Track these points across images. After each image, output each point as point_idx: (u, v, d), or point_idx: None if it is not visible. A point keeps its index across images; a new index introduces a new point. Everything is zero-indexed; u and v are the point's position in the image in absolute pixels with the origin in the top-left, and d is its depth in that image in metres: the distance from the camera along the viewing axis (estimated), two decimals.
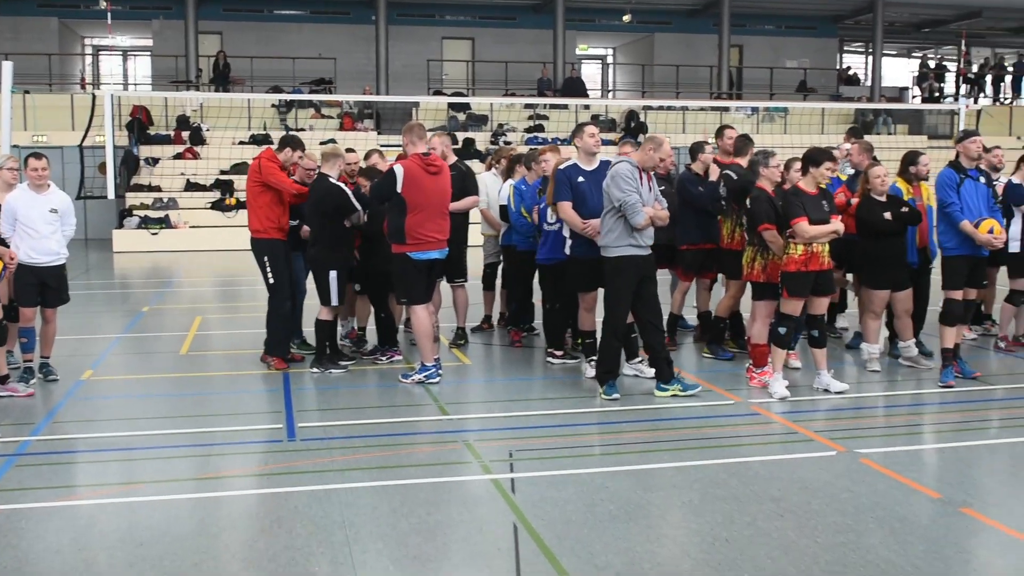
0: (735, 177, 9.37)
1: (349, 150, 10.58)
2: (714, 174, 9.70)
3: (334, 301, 9.06)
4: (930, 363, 9.26)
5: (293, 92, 28.40)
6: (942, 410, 8.10)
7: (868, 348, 9.28)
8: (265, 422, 7.68)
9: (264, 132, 26.59)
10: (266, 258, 9.24)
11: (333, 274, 8.99)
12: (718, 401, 8.19)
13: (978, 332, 10.93)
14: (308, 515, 5.55)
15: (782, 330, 8.29)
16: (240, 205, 23.53)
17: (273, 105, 27.88)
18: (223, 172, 24.80)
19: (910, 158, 9.56)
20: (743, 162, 9.53)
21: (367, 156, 10.47)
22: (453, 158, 9.95)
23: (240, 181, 24.37)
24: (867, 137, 19.69)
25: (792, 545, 5.11)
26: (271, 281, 9.27)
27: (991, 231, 8.47)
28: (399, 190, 8.48)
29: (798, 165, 8.41)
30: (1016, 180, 9.82)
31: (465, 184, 9.81)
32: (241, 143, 25.84)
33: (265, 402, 8.34)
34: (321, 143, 24.13)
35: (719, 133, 10.29)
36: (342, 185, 9.06)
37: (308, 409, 7.97)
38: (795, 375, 8.92)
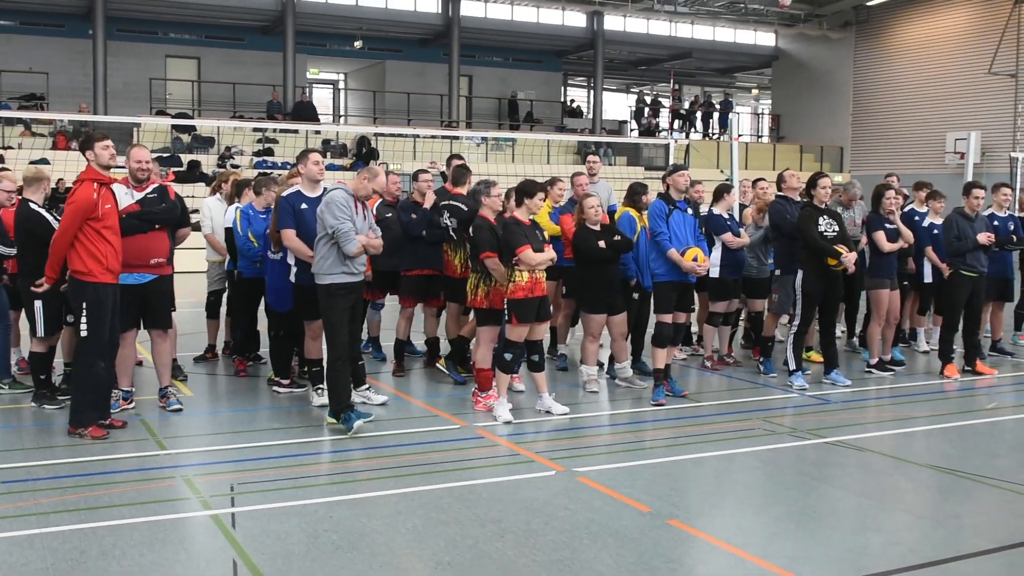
0: (465, 208, 9.56)
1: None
2: (428, 201, 9.87)
3: (40, 332, 8.50)
4: (643, 383, 9.78)
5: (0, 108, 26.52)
6: (654, 427, 8.56)
7: (586, 370, 9.70)
8: None
9: None
10: (84, 304, 7.63)
11: (38, 304, 8.42)
12: (444, 426, 8.30)
13: (687, 353, 11.65)
14: (7, 564, 5.16)
15: (508, 355, 8.51)
16: None
17: None
18: None
19: (638, 188, 10.12)
20: (463, 191, 9.73)
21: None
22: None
23: None
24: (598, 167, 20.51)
25: (511, 565, 5.24)
26: (83, 333, 7.68)
27: (695, 259, 9.08)
28: None
29: (542, 195, 8.72)
30: (716, 211, 10.57)
31: None
32: None
33: None
34: (31, 163, 22.65)
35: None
36: (43, 212, 8.54)
37: (11, 449, 7.42)
38: (519, 398, 9.19)
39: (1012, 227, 11.46)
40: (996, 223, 11.14)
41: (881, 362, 10.84)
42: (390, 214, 10.02)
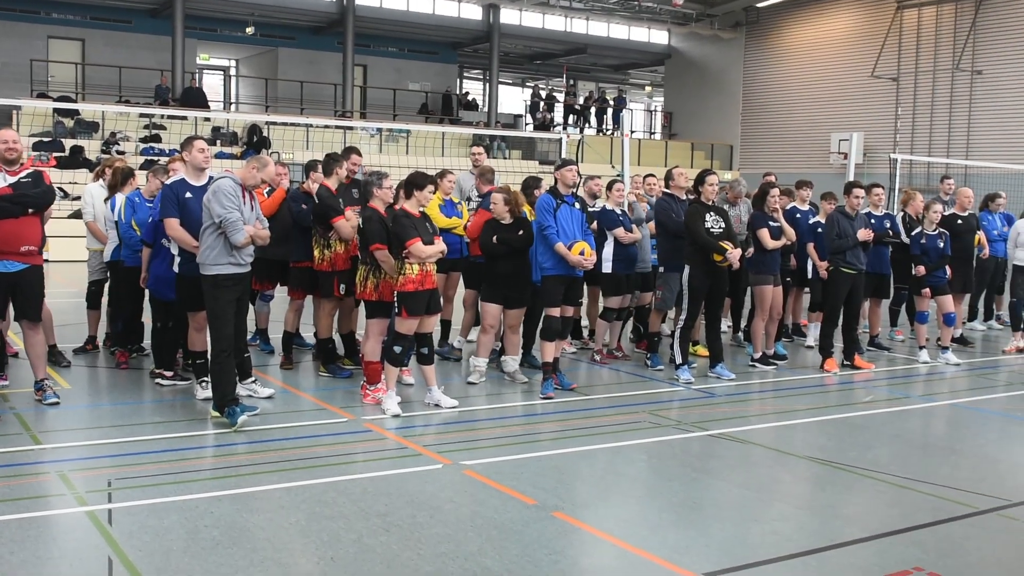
0: (317, 201, 9.45)
1: None
2: (313, 191, 9.73)
3: None
4: (524, 378, 9.84)
5: None
6: (542, 420, 8.62)
7: (475, 361, 9.72)
8: None
9: None
10: None
11: None
12: (332, 419, 8.22)
13: (577, 346, 11.75)
14: None
15: (397, 348, 8.46)
16: None
17: None
18: None
19: (531, 183, 10.16)
20: (332, 183, 9.60)
21: None
22: None
23: None
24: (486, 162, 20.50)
25: (396, 559, 5.22)
26: None
27: (582, 253, 9.17)
28: None
29: (431, 187, 8.66)
30: (609, 206, 10.68)
31: None
32: None
33: None
34: None
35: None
36: None
37: None
38: (408, 391, 9.15)
39: (888, 225, 11.85)
40: (872, 221, 11.51)
41: (764, 356, 11.11)
42: None
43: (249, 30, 33.82)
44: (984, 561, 5.55)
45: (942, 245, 11.81)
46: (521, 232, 9.41)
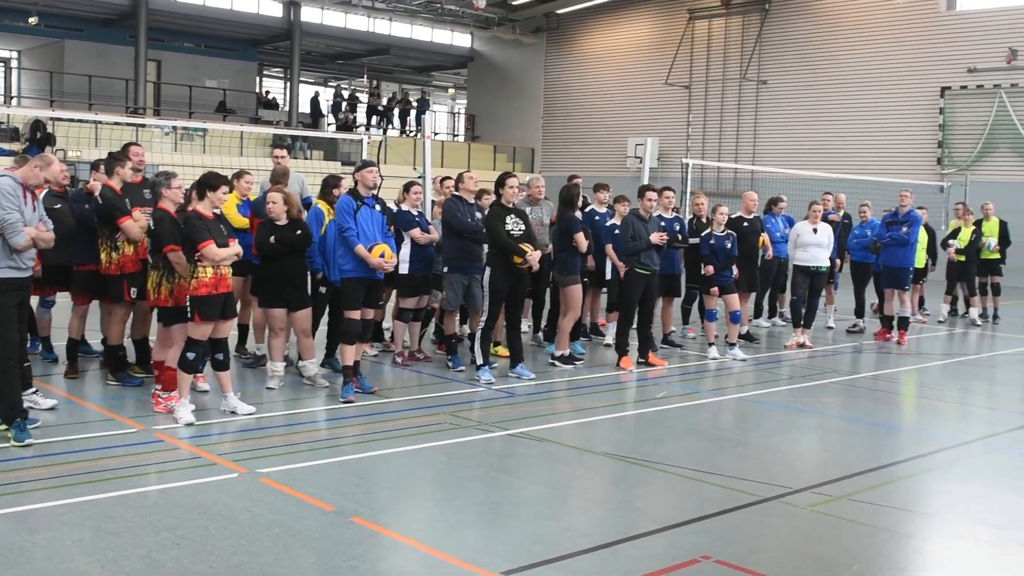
0: (101, 200, 9.07)
1: None
2: (95, 190, 9.32)
3: None
4: (326, 383, 9.73)
5: None
6: (342, 425, 8.50)
7: (271, 366, 9.52)
8: None
9: None
10: None
11: None
12: (120, 430, 7.86)
13: (378, 349, 11.67)
14: None
15: (191, 355, 8.18)
16: None
17: None
18: None
19: (331, 181, 10.05)
20: (115, 183, 9.22)
21: None
22: None
23: None
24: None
25: (187, 573, 5.04)
26: None
27: (383, 255, 9.12)
28: None
29: (225, 188, 8.44)
30: (405, 207, 10.67)
31: None
32: None
33: None
34: None
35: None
36: None
37: None
38: (203, 398, 8.87)
39: (677, 227, 12.32)
40: (663, 223, 11.93)
41: (563, 355, 11.32)
42: (59, 205, 9.39)
43: (32, 20, 32.01)
44: (767, 546, 5.84)
45: (730, 246, 12.35)
46: (299, 232, 9.26)
